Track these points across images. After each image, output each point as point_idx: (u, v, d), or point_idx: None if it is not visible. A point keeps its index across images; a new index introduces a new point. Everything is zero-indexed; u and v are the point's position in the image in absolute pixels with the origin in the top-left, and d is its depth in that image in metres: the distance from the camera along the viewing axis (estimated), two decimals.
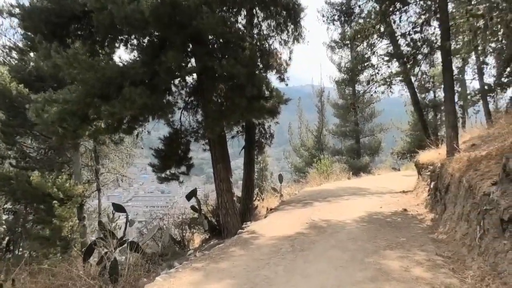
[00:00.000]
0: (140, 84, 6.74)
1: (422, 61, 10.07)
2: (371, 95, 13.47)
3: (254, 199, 10.96)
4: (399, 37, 10.15)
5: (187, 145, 9.70)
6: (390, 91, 11.74)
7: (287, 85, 9.55)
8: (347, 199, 10.25)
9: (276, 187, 14.28)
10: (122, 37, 7.93)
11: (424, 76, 14.50)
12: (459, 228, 5.38)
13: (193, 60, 8.22)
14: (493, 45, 14.94)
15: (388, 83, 11.56)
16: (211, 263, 5.11)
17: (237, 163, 17.86)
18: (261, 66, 8.23)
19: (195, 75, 8.74)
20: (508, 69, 14.14)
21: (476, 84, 18.03)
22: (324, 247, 5.49)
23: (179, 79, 8.48)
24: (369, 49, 12.99)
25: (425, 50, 9.03)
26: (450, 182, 6.48)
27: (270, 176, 26.15)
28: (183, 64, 7.49)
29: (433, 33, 8.83)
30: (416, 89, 14.87)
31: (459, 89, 18.39)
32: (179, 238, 8.99)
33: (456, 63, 16.48)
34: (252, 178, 10.64)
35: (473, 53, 16.56)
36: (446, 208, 6.41)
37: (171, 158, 9.37)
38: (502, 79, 16.33)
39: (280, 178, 14.40)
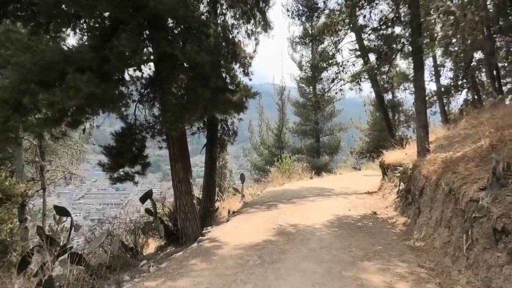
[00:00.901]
0: (87, 71, 5.80)
1: (393, 58, 9.87)
2: (336, 93, 13.22)
3: (215, 200, 10.24)
4: (370, 31, 9.88)
5: (142, 142, 8.72)
6: (359, 88, 11.51)
7: (250, 79, 8.87)
8: (312, 200, 9.88)
9: (237, 187, 13.59)
10: (69, 20, 6.86)
11: (384, 76, 14.52)
12: (438, 235, 5.06)
13: (150, 49, 7.34)
14: (450, 48, 15.28)
15: (357, 80, 11.30)
16: (168, 281, 4.35)
17: (195, 161, 17.02)
18: (226, 56, 7.49)
19: (152, 65, 7.85)
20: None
21: (432, 86, 18.47)
22: (296, 258, 4.95)
23: (134, 67, 7.53)
24: (334, 46, 12.73)
25: (397, 47, 8.79)
26: (425, 185, 6.19)
27: (229, 174, 25.53)
28: (138, 50, 6.59)
29: (404, 29, 8.59)
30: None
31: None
32: (132, 244, 8.07)
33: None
34: (214, 178, 9.90)
35: (430, 55, 16.94)
36: (420, 212, 6.11)
37: (124, 156, 8.35)
38: (458, 81, 16.85)
39: (242, 178, 13.68)
